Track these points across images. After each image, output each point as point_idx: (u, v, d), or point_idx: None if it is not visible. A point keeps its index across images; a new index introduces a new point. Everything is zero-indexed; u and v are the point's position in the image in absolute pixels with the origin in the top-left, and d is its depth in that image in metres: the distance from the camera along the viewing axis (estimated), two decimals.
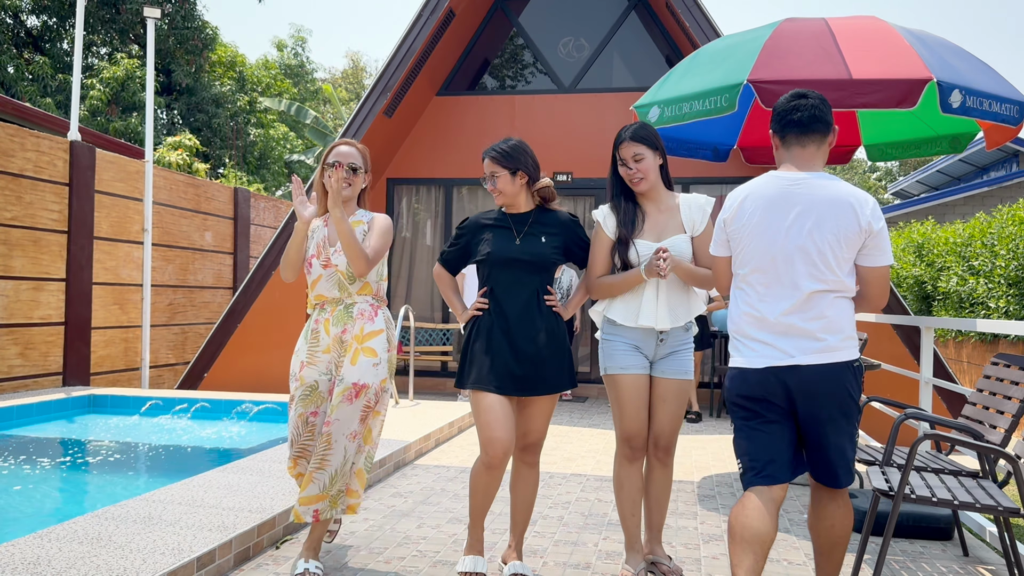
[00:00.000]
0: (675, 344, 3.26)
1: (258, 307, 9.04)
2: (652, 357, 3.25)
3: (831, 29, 4.36)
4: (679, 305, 3.23)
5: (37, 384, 7.97)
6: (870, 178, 38.02)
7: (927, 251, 10.86)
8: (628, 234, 3.22)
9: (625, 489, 3.27)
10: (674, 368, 3.24)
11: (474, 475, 3.22)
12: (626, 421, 3.22)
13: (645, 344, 3.23)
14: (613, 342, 3.25)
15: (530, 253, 3.16)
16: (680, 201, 3.28)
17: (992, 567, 3.63)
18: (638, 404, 3.21)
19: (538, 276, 3.19)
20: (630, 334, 3.24)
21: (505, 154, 3.19)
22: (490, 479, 3.17)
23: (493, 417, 3.10)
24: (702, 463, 5.79)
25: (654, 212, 3.27)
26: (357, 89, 34.73)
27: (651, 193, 3.27)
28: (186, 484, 4.20)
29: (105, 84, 18.00)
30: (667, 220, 3.25)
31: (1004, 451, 3.08)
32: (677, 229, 3.23)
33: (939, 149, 5.46)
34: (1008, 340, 8.40)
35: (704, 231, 3.24)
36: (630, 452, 3.24)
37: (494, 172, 3.22)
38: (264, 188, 20.72)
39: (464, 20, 9.42)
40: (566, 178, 9.68)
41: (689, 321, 3.28)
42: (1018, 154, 17.91)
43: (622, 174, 3.25)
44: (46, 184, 8.07)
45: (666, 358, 3.25)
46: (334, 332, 3.27)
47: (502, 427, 3.10)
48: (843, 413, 2.60)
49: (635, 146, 3.19)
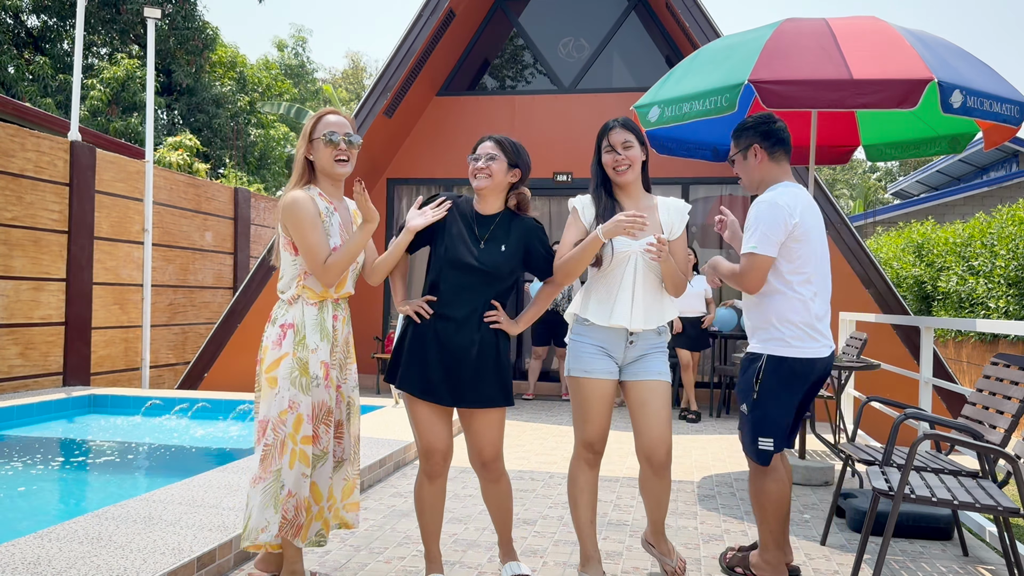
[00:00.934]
0: (646, 347, 3.15)
1: (258, 307, 9.05)
2: (621, 361, 3.15)
3: (832, 29, 4.37)
4: (653, 307, 3.14)
5: (37, 384, 7.97)
6: (870, 178, 38.01)
7: (927, 251, 10.87)
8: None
9: (585, 495, 3.15)
10: (646, 370, 3.12)
11: (417, 490, 3.09)
12: (587, 425, 3.11)
13: (614, 346, 3.13)
14: (581, 343, 3.15)
15: (487, 263, 2.98)
16: (658, 202, 3.21)
17: (992, 567, 3.63)
18: (600, 408, 3.11)
19: (491, 287, 3.01)
20: (599, 335, 3.14)
21: (512, 145, 3.08)
22: (433, 491, 3.06)
23: (429, 427, 3.01)
24: (702, 463, 5.79)
25: (631, 209, 3.15)
26: (357, 89, 34.73)
27: (631, 189, 3.19)
28: (186, 484, 4.20)
29: (105, 84, 18.00)
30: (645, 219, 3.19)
31: (1004, 451, 3.08)
32: (655, 229, 3.15)
33: (938, 149, 5.46)
34: (1008, 340, 8.39)
35: (681, 235, 3.21)
36: (591, 457, 3.14)
37: (493, 154, 3.03)
38: (264, 188, 20.73)
39: (464, 20, 9.43)
40: (566, 178, 9.68)
41: (662, 325, 3.17)
42: (1018, 154, 17.91)
43: (606, 161, 3.15)
44: (46, 184, 8.07)
45: (636, 361, 3.15)
46: (343, 333, 3.07)
47: (439, 436, 3.01)
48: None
49: (626, 133, 3.13)
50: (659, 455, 3.10)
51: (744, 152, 3.29)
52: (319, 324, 2.95)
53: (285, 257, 2.99)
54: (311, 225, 2.87)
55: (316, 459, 2.96)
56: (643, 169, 3.22)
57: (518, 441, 6.51)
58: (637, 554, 3.68)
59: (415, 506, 3.13)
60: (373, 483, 4.91)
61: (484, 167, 3.02)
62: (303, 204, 2.88)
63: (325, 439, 2.96)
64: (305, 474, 2.88)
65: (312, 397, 2.90)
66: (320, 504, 3.02)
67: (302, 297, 2.97)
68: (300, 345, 2.91)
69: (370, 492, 4.70)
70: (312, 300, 2.97)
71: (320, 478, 2.99)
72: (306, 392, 2.88)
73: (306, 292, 2.97)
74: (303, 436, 2.86)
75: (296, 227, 2.87)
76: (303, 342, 2.92)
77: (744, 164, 3.31)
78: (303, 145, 2.99)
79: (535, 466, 5.56)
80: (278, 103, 19.14)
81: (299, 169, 3.00)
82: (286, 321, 2.93)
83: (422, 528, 3.13)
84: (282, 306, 2.98)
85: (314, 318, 2.95)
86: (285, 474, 2.86)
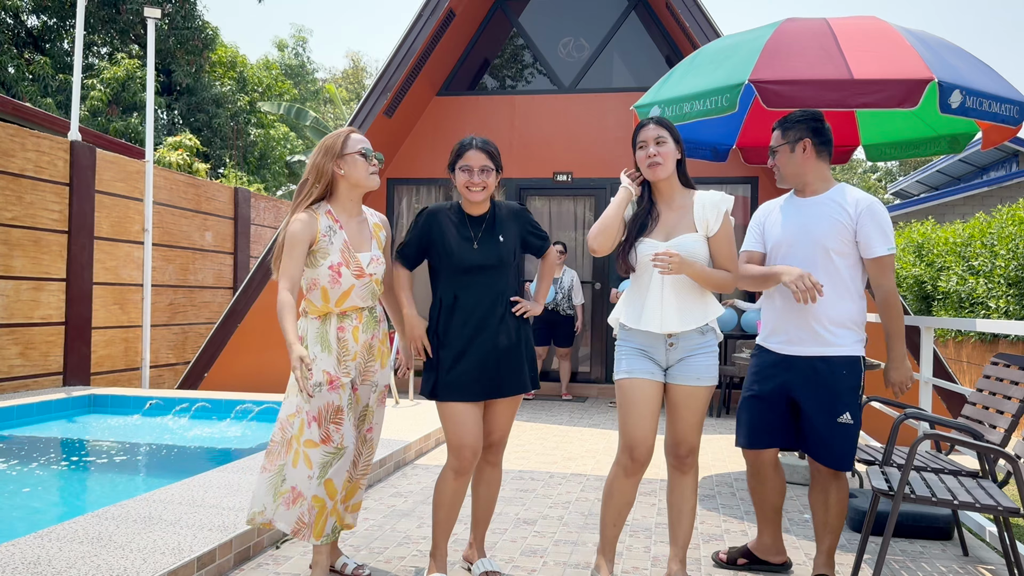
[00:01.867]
0: (688, 349, 3.04)
1: (258, 307, 9.05)
2: (664, 363, 3.07)
3: (832, 29, 4.36)
4: (691, 307, 3.03)
5: (37, 384, 7.97)
6: (870, 178, 38.01)
7: (927, 251, 10.86)
8: (633, 234, 3.10)
9: (615, 499, 3.11)
10: (684, 374, 3.04)
11: (441, 484, 3.12)
12: (628, 427, 3.03)
13: (654, 348, 3.06)
14: (622, 347, 3.12)
15: (491, 257, 3.08)
16: (695, 199, 3.08)
17: (992, 567, 3.63)
18: (642, 411, 3.01)
19: (502, 278, 3.11)
20: (639, 338, 3.08)
21: (496, 151, 3.14)
22: (458, 486, 3.11)
23: (462, 424, 3.05)
24: (702, 463, 5.79)
25: (665, 210, 3.10)
26: (357, 89, 34.73)
27: (665, 187, 3.10)
28: (186, 484, 4.20)
29: (105, 84, 18.00)
30: (678, 219, 3.07)
31: (1004, 451, 3.08)
32: (688, 228, 3.04)
33: (938, 149, 5.46)
34: (1008, 340, 8.40)
35: (721, 230, 3.04)
36: (630, 464, 3.04)
37: (487, 167, 3.08)
38: (264, 188, 20.72)
39: (464, 20, 9.42)
40: (566, 178, 9.69)
41: (706, 324, 3.06)
42: (1018, 154, 17.90)
43: (639, 158, 3.08)
44: (46, 184, 8.07)
45: (678, 364, 3.05)
46: (363, 339, 3.14)
47: (471, 433, 3.06)
48: None
49: (659, 129, 3.05)
50: (682, 449, 3.08)
51: (792, 145, 3.22)
52: (320, 336, 3.09)
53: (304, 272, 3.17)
54: (288, 249, 3.01)
55: (332, 456, 3.04)
56: (680, 166, 3.13)
57: (518, 441, 6.51)
58: (637, 554, 3.68)
59: (435, 500, 3.15)
60: (373, 483, 4.91)
61: (480, 182, 3.07)
62: (292, 231, 3.01)
63: (338, 436, 3.05)
64: (311, 476, 2.99)
65: (317, 401, 3.02)
66: (334, 499, 3.08)
67: (307, 309, 3.14)
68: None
69: (370, 492, 4.70)
70: (314, 314, 3.12)
71: (337, 474, 3.06)
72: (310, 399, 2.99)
73: (309, 306, 3.13)
74: (307, 439, 3.01)
75: (283, 255, 3.03)
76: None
77: (789, 157, 3.23)
78: (331, 161, 3.08)
79: (535, 466, 5.56)
80: (278, 103, 19.14)
81: (324, 184, 3.09)
82: (299, 332, 3.10)
83: (437, 523, 3.16)
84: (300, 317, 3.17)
85: (316, 331, 3.10)
86: (288, 471, 3.03)
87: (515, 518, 4.24)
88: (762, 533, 3.46)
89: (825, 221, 3.12)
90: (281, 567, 3.38)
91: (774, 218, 3.32)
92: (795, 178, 3.25)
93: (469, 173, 3.07)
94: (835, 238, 3.10)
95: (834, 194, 3.18)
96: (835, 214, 3.12)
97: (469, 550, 3.37)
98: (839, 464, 3.10)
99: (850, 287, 3.11)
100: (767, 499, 3.39)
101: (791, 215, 3.24)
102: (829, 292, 3.10)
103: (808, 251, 3.14)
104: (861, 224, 3.08)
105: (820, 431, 3.10)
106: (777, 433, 3.24)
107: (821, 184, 3.23)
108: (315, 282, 3.08)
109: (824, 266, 3.11)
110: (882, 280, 3.11)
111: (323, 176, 3.08)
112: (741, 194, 9.47)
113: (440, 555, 3.17)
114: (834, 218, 3.12)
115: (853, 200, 3.12)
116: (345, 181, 3.11)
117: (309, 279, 3.09)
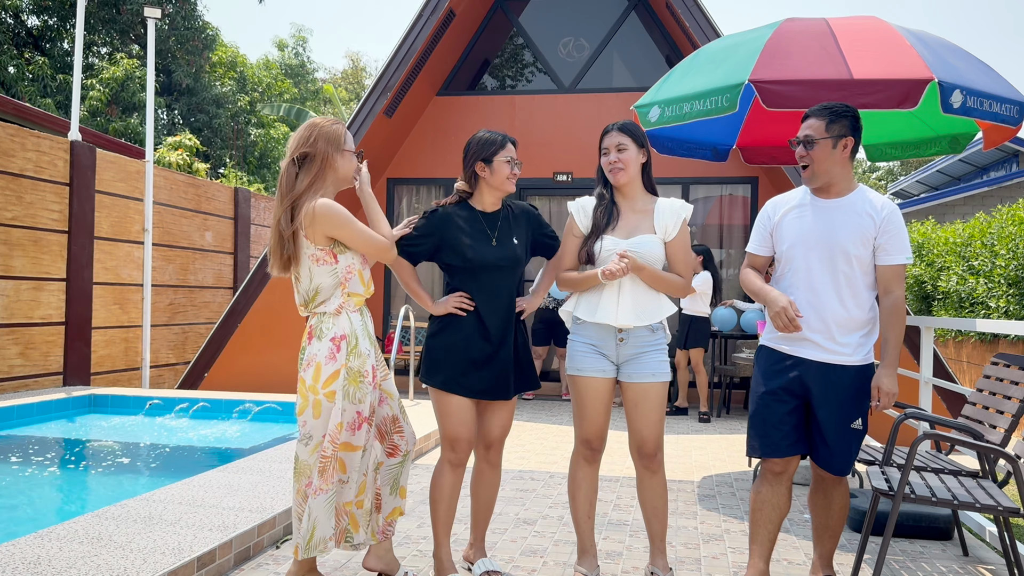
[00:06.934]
0: (639, 345, 3.13)
1: (258, 307, 9.05)
2: (616, 359, 3.16)
3: (832, 29, 4.36)
4: (646, 304, 3.12)
5: (37, 384, 7.97)
6: (870, 178, 38.01)
7: (927, 251, 10.86)
8: (598, 229, 3.18)
9: (582, 491, 3.22)
10: (639, 372, 3.11)
11: (438, 478, 3.15)
12: (583, 423, 3.17)
13: (605, 344, 3.15)
14: (575, 342, 3.22)
15: (507, 258, 3.11)
16: (656, 205, 3.18)
17: (992, 567, 3.63)
18: (596, 407, 3.15)
19: (514, 279, 3.15)
20: (590, 333, 3.17)
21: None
22: (455, 479, 3.14)
23: (460, 416, 3.10)
24: (702, 463, 5.79)
25: (628, 212, 3.19)
26: (357, 89, 34.72)
27: (628, 190, 3.19)
28: (186, 484, 4.21)
29: (105, 84, 18.00)
30: (639, 221, 3.17)
31: (1004, 451, 3.08)
32: (648, 231, 3.15)
33: (939, 149, 5.46)
34: (1008, 340, 8.39)
35: (678, 236, 3.15)
36: (589, 453, 3.19)
37: (517, 160, 3.17)
38: (264, 188, 20.72)
39: (464, 20, 9.42)
40: (566, 178, 9.69)
41: (657, 323, 3.15)
42: (1018, 154, 17.90)
43: (602, 164, 3.20)
44: (46, 184, 8.07)
45: (631, 361, 3.14)
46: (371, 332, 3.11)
47: (468, 426, 3.11)
48: None
49: (620, 136, 3.15)
50: (648, 447, 3.14)
51: (836, 140, 3.00)
52: (366, 329, 3.01)
53: (321, 271, 2.92)
54: (353, 218, 2.89)
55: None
56: (644, 171, 3.21)
57: (518, 441, 6.51)
58: (637, 554, 3.68)
59: (433, 496, 3.16)
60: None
61: (513, 175, 3.15)
62: (337, 205, 2.87)
63: (363, 437, 2.95)
64: (343, 480, 2.95)
65: (369, 400, 2.95)
66: (360, 497, 3.04)
67: (346, 305, 2.96)
68: (354, 354, 2.91)
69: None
70: (355, 306, 2.99)
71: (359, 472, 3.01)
72: (362, 401, 2.92)
73: (351, 299, 2.97)
74: (343, 443, 2.90)
75: (344, 225, 2.87)
76: (356, 350, 2.92)
77: (829, 152, 3.01)
78: (335, 153, 2.96)
79: (535, 466, 5.56)
80: (278, 104, 19.15)
81: (324, 177, 2.95)
82: (336, 334, 2.90)
83: (437, 519, 3.16)
84: (326, 319, 2.93)
85: (361, 324, 2.98)
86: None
87: (515, 518, 4.24)
88: (759, 561, 3.14)
89: (851, 225, 2.99)
90: (281, 567, 3.38)
91: (791, 218, 3.13)
92: (826, 175, 3.04)
93: (511, 165, 3.13)
94: (859, 243, 2.98)
95: (859, 196, 3.04)
96: (861, 218, 2.99)
97: (469, 550, 3.37)
98: (844, 470, 3.07)
99: (863, 292, 3.01)
100: (780, 516, 3.13)
101: (813, 216, 3.07)
102: (844, 297, 3.00)
103: (827, 254, 3.01)
104: (884, 229, 2.97)
105: (832, 438, 3.02)
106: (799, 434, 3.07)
107: (846, 185, 3.05)
108: (350, 268, 2.95)
109: (843, 270, 3.00)
110: (894, 287, 2.99)
111: (326, 163, 2.96)
112: (741, 194, 9.47)
113: (445, 555, 3.17)
114: (860, 222, 2.98)
115: (879, 204, 3.00)
116: (334, 174, 3.00)
117: (343, 270, 2.94)
